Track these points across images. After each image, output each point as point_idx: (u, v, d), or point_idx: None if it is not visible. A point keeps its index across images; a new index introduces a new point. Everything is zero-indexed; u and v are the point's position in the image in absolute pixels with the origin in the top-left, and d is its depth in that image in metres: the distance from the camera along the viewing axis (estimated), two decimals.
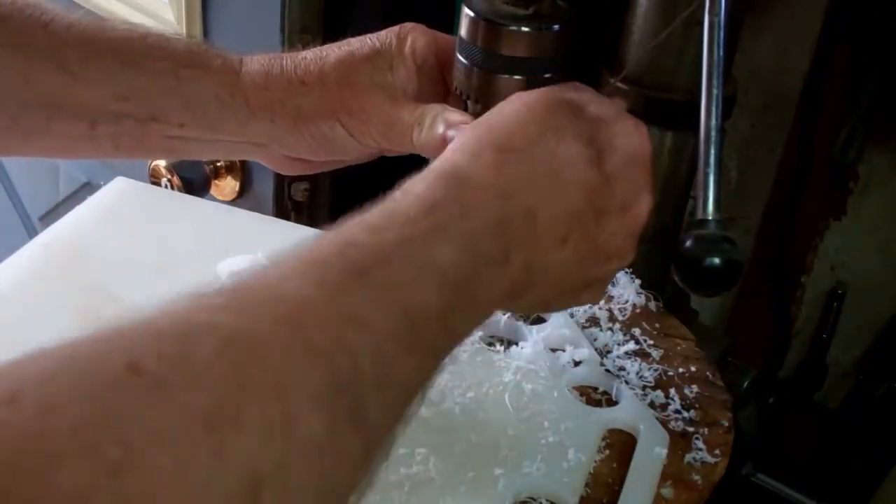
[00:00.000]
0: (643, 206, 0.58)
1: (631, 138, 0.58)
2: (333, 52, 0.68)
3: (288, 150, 0.70)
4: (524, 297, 0.55)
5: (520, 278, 0.53)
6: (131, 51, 0.67)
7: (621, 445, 0.74)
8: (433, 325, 0.47)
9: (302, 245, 0.47)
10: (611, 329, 0.85)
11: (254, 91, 0.67)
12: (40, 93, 0.66)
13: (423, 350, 0.47)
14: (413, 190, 0.52)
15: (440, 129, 0.65)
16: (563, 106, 0.58)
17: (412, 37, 0.70)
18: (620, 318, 0.86)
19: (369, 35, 0.70)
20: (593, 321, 0.86)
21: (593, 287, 0.60)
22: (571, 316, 0.86)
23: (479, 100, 0.89)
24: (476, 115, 0.80)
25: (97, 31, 0.68)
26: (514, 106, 0.59)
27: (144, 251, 0.87)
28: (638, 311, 0.88)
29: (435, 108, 0.67)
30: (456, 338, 0.50)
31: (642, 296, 0.90)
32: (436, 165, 0.54)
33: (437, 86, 0.71)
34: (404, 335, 0.44)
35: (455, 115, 0.67)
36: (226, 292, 0.41)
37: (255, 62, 0.68)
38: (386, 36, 0.70)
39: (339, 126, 0.67)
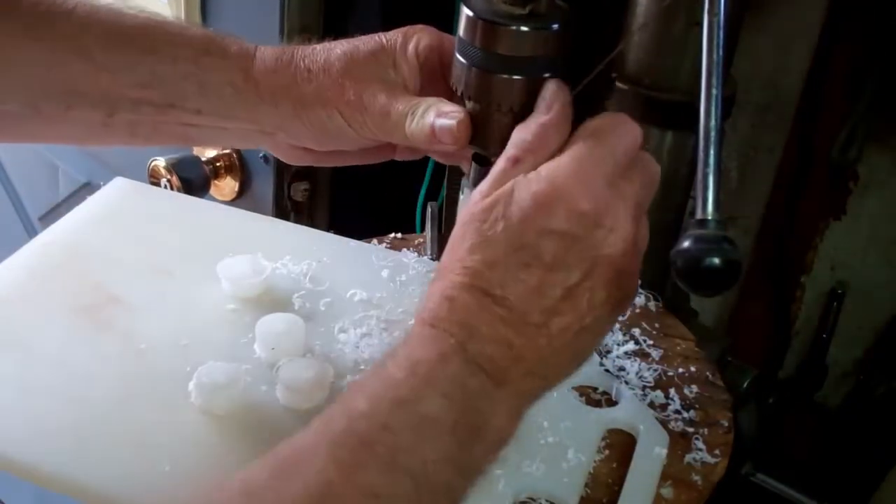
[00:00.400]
0: (598, 274, 0.58)
1: (555, 217, 0.57)
2: (341, 45, 0.70)
3: (292, 137, 0.72)
4: (539, 391, 0.58)
5: (525, 387, 0.56)
6: (153, 38, 0.69)
7: (621, 445, 0.74)
8: (442, 475, 0.52)
9: (319, 419, 0.53)
10: (611, 329, 0.85)
11: (264, 76, 0.69)
12: (62, 80, 0.68)
13: (437, 498, 0.52)
14: (398, 351, 0.55)
15: (430, 118, 0.67)
16: (485, 216, 0.58)
17: (418, 36, 0.72)
18: (620, 318, 0.86)
19: (378, 33, 0.72)
20: None
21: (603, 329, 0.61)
22: None
23: (478, 99, 0.89)
24: (473, 112, 0.80)
25: (118, 19, 0.69)
26: (476, 235, 0.59)
27: (144, 251, 0.87)
28: (638, 311, 0.88)
29: (429, 100, 0.68)
30: (474, 471, 0.55)
31: (642, 296, 0.90)
32: (417, 317, 0.57)
33: (439, 85, 0.72)
34: (413, 495, 0.51)
35: (446, 106, 0.68)
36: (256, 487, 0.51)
37: (269, 50, 0.70)
38: (393, 34, 0.72)
39: (338, 115, 0.69)
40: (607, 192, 0.59)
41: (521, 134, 0.64)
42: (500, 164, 0.62)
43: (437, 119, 0.67)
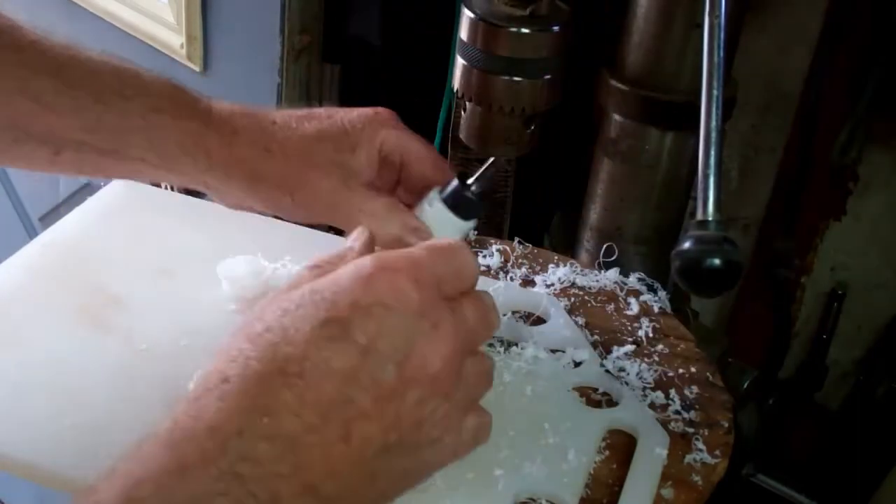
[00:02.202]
0: (426, 355, 0.49)
1: (378, 290, 0.49)
2: (304, 126, 0.71)
3: (239, 202, 0.74)
4: None
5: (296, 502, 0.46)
6: (103, 86, 0.68)
7: (621, 446, 0.74)
8: None
9: None
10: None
11: (217, 147, 0.69)
12: (10, 116, 0.67)
13: None
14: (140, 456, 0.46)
15: (395, 228, 0.69)
16: (289, 303, 0.50)
17: (385, 132, 0.72)
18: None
19: (345, 115, 0.73)
20: None
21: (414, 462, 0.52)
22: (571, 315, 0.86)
23: (479, 101, 0.89)
24: (473, 113, 0.80)
25: (71, 62, 0.68)
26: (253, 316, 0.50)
27: (144, 252, 0.87)
28: (638, 310, 0.88)
29: (383, 201, 0.70)
30: None
31: (645, 290, 0.90)
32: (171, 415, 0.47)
33: (392, 177, 0.74)
34: None
35: (412, 221, 0.70)
36: None
37: (225, 117, 0.70)
38: (359, 120, 0.72)
39: (289, 198, 0.70)
40: (435, 294, 0.51)
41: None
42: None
43: (410, 237, 0.69)
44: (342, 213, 0.71)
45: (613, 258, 0.92)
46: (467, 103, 0.91)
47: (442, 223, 0.72)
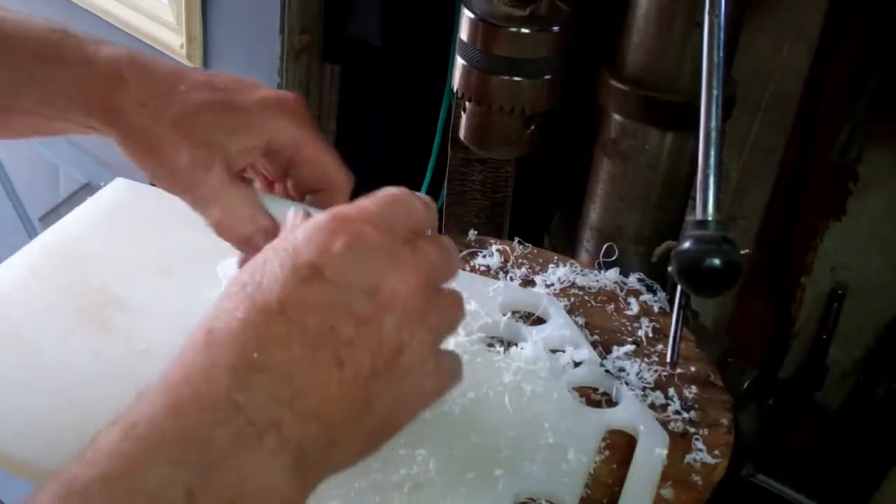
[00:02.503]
0: (392, 282, 0.51)
1: (335, 238, 0.51)
2: (193, 92, 0.66)
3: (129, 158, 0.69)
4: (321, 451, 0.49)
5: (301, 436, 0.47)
6: None
7: (621, 446, 0.74)
8: None
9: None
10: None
11: (99, 93, 0.66)
12: None
13: None
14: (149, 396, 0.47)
15: (246, 228, 0.66)
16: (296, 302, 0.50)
17: (281, 123, 0.67)
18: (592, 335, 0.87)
19: (248, 94, 0.67)
20: None
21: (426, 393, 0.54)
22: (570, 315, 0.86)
23: (479, 101, 0.89)
24: (474, 113, 0.79)
25: None
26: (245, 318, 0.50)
27: (144, 251, 0.87)
28: (638, 310, 0.88)
29: (242, 194, 0.66)
30: None
31: (645, 291, 0.90)
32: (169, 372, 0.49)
33: (280, 168, 0.69)
34: None
35: (265, 221, 0.66)
36: None
37: (112, 61, 0.67)
38: (257, 103, 0.67)
39: (155, 162, 0.66)
40: (391, 234, 0.53)
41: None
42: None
43: (260, 240, 0.64)
44: (197, 196, 0.66)
45: (613, 258, 0.92)
46: (467, 103, 0.91)
47: None
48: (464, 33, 0.87)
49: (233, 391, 0.46)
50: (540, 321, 0.85)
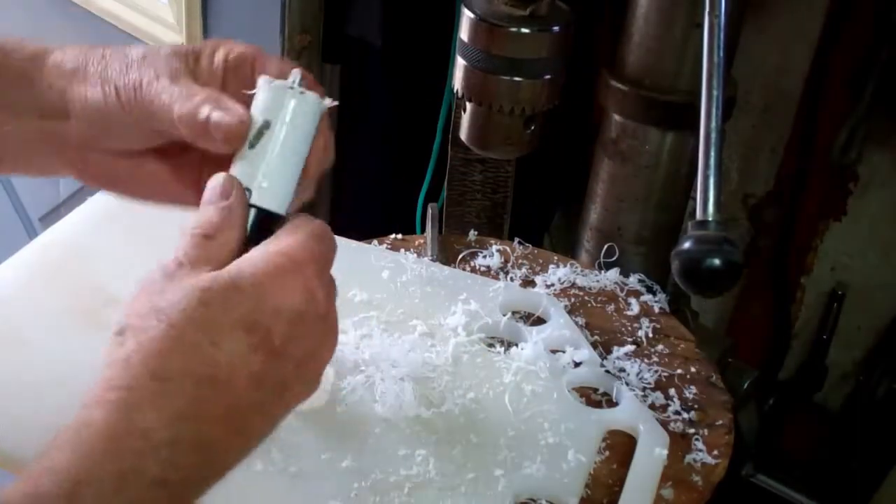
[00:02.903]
0: (323, 353, 0.55)
1: (294, 294, 0.52)
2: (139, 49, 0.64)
3: (71, 130, 0.64)
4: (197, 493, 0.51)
5: (196, 494, 0.50)
6: None
7: (621, 446, 0.74)
8: None
9: None
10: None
11: (56, 64, 0.63)
12: None
13: None
14: (57, 458, 0.47)
15: (205, 110, 0.58)
16: (210, 296, 0.51)
17: (230, 46, 0.64)
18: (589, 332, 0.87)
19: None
20: None
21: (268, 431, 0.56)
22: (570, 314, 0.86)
23: (479, 101, 0.89)
24: (474, 113, 0.78)
25: None
26: (158, 316, 0.51)
27: (144, 252, 0.87)
28: (638, 311, 0.88)
29: (211, 92, 0.60)
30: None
31: (645, 291, 0.90)
32: (90, 414, 0.49)
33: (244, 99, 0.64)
34: None
35: (228, 101, 0.59)
36: None
37: (62, 53, 0.64)
38: (203, 43, 0.64)
39: (114, 93, 0.62)
40: (331, 287, 0.56)
41: (207, 215, 0.56)
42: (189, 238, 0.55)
43: (213, 111, 0.58)
44: (164, 107, 0.60)
45: (614, 259, 0.92)
46: (467, 103, 0.91)
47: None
48: (464, 33, 0.87)
49: (161, 466, 0.48)
50: (540, 321, 0.85)
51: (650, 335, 0.85)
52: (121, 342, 0.50)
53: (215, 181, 0.56)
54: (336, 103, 0.61)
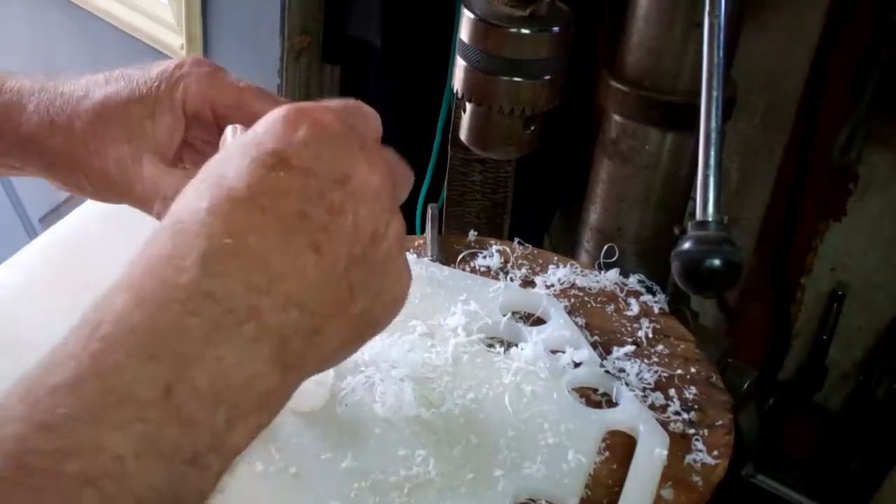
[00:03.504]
0: (365, 171, 0.48)
1: (299, 128, 0.47)
2: (95, 91, 0.62)
3: (58, 185, 0.65)
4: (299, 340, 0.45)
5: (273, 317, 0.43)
6: None
7: (621, 447, 0.74)
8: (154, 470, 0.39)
9: None
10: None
11: (8, 126, 0.63)
12: None
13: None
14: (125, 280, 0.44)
15: None
16: (284, 193, 0.47)
17: (185, 84, 0.62)
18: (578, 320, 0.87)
19: (139, 72, 0.63)
20: None
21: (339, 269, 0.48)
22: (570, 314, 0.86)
23: (479, 101, 0.89)
24: (474, 114, 0.78)
25: None
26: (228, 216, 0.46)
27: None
28: (638, 311, 0.88)
29: (179, 179, 0.59)
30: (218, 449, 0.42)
31: (645, 292, 0.90)
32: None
33: (212, 137, 0.63)
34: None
35: None
36: None
37: (16, 90, 0.63)
38: (155, 78, 0.62)
39: (85, 180, 0.62)
40: (353, 130, 0.51)
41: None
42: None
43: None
44: (136, 195, 0.61)
45: (614, 259, 0.92)
46: (467, 104, 0.91)
47: None
48: (464, 34, 0.87)
49: (204, 279, 0.42)
50: (540, 322, 0.85)
51: (650, 335, 0.85)
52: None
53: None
54: None
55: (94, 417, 0.39)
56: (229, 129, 0.56)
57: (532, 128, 0.90)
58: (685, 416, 0.77)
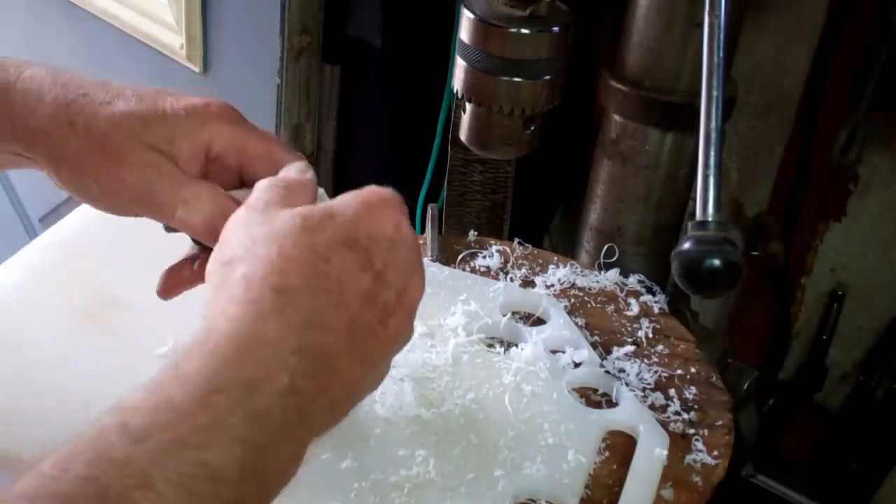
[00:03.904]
0: (416, 286, 0.56)
1: (385, 223, 0.54)
2: (119, 101, 0.62)
3: (58, 184, 0.65)
4: (322, 420, 0.52)
5: (321, 417, 0.51)
6: None
7: (621, 447, 0.74)
8: None
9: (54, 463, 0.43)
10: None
11: (21, 114, 0.62)
12: None
13: None
14: (186, 369, 0.47)
15: (204, 212, 0.61)
16: (311, 221, 0.53)
17: (214, 128, 0.62)
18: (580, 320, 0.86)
19: (173, 101, 0.63)
20: None
21: (380, 373, 0.57)
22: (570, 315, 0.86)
23: (479, 101, 0.89)
24: (474, 114, 0.78)
25: None
26: (266, 241, 0.52)
27: (144, 252, 0.87)
28: (638, 311, 0.88)
29: (203, 186, 0.61)
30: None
31: (645, 292, 0.90)
32: (215, 325, 0.49)
33: (231, 180, 0.64)
34: None
35: (228, 202, 0.61)
36: None
37: (35, 82, 0.63)
38: (183, 108, 0.62)
39: (94, 185, 0.62)
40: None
41: (286, 173, 0.60)
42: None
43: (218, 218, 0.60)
44: (155, 204, 0.62)
45: (614, 259, 0.92)
46: (467, 104, 0.91)
47: None
48: (464, 34, 0.87)
49: (290, 373, 0.48)
50: (540, 322, 0.85)
51: (650, 335, 0.85)
52: (231, 268, 0.52)
53: (295, 163, 0.61)
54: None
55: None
56: (264, 182, 0.58)
57: (532, 128, 0.90)
58: (685, 416, 0.77)
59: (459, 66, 0.89)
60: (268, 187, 0.56)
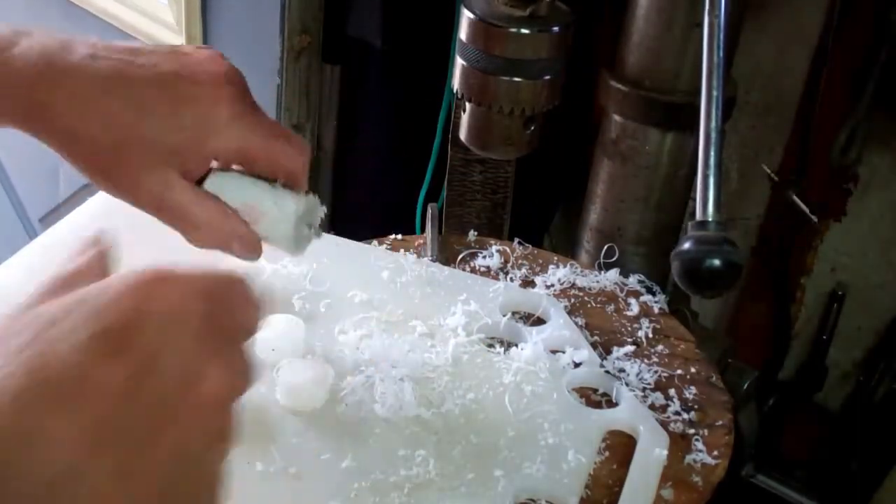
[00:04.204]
0: (214, 373, 0.39)
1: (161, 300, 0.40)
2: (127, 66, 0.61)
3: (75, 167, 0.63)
4: None
5: None
6: None
7: (621, 447, 0.74)
8: None
9: None
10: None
11: (18, 79, 0.60)
12: None
13: None
14: None
15: (222, 239, 0.64)
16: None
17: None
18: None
19: (183, 66, 0.64)
20: None
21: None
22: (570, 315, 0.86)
23: (479, 101, 0.89)
24: (474, 114, 0.78)
25: None
26: None
27: (144, 252, 0.87)
28: (638, 311, 0.88)
29: (219, 212, 0.63)
30: None
31: (645, 292, 0.90)
32: None
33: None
34: None
35: (241, 229, 0.64)
36: None
37: (35, 49, 0.61)
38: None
39: (103, 184, 0.62)
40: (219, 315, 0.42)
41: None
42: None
43: (236, 247, 0.64)
44: (166, 215, 0.64)
45: (614, 259, 0.92)
46: (467, 104, 0.91)
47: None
48: (464, 34, 0.87)
49: None
50: (540, 322, 0.85)
51: (650, 335, 0.85)
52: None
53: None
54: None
55: None
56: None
57: (532, 128, 0.90)
58: (685, 416, 0.77)
59: (459, 66, 0.89)
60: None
